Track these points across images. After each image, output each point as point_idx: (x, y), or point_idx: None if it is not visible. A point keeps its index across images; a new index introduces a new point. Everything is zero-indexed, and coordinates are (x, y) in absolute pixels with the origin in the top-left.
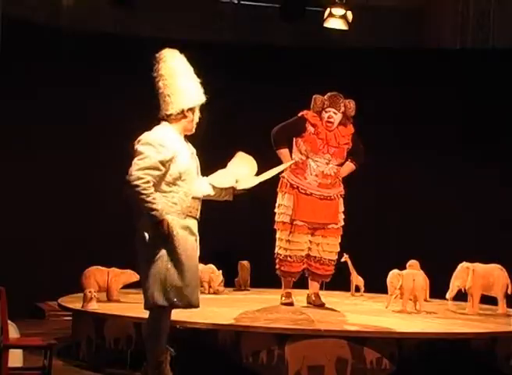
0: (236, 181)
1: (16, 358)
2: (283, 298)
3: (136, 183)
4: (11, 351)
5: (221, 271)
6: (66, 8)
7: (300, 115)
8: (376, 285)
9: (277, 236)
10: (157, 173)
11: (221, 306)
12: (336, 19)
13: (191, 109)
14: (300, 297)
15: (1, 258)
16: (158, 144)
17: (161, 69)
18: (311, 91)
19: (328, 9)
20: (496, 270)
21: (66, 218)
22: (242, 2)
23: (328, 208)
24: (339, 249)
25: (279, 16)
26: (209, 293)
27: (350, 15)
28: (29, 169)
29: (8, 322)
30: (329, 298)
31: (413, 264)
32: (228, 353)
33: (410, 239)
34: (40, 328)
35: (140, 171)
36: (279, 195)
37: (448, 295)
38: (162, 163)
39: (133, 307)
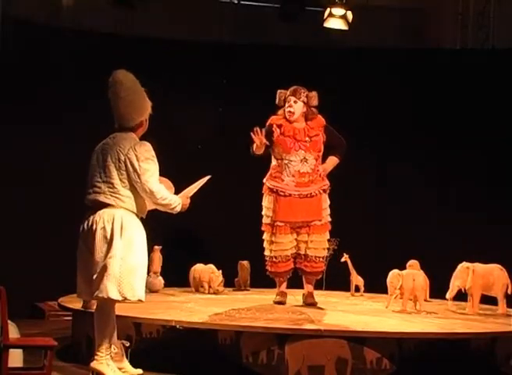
0: None
1: (16, 358)
2: (277, 297)
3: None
4: (11, 351)
5: (221, 271)
6: (66, 8)
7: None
8: (376, 285)
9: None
10: None
11: (221, 306)
12: (336, 19)
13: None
14: (299, 297)
15: (1, 258)
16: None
17: (119, 91)
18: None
19: (328, 9)
20: (495, 270)
21: (66, 217)
22: (242, 2)
23: (309, 205)
24: (326, 245)
25: (278, 16)
26: (209, 293)
27: (350, 15)
28: (28, 168)
29: (8, 322)
30: (329, 298)
31: (413, 264)
32: (228, 353)
33: (410, 239)
34: (40, 328)
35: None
36: (263, 198)
37: (448, 295)
38: None
39: (133, 307)
